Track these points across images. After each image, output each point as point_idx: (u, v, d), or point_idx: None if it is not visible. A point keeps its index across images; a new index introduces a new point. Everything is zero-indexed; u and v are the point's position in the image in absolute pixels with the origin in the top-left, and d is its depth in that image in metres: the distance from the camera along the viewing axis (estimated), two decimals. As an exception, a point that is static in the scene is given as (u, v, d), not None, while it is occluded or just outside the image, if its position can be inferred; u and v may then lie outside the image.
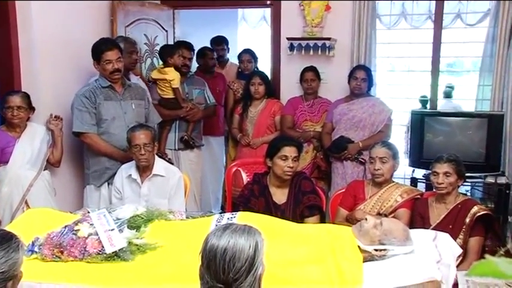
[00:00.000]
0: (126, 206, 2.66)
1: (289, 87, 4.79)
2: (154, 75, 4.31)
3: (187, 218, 2.76)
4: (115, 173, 3.42)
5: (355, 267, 2.22)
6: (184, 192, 3.38)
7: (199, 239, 1.69)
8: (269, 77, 4.73)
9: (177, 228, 2.56)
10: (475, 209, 2.86)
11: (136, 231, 2.43)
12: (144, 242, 2.38)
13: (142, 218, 2.53)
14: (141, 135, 3.23)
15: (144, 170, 3.29)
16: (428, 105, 4.96)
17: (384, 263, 2.30)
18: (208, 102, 4.54)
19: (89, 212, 2.62)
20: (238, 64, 5.23)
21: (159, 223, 2.60)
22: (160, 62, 4.39)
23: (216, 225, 2.21)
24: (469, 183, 4.01)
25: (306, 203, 3.07)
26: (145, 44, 4.66)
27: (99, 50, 3.49)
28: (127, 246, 2.31)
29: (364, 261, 2.30)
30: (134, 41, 4.20)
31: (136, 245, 2.34)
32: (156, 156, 3.37)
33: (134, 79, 4.06)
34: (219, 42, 5.33)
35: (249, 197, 3.08)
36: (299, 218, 3.02)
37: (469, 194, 4.05)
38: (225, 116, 5.03)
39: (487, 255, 0.41)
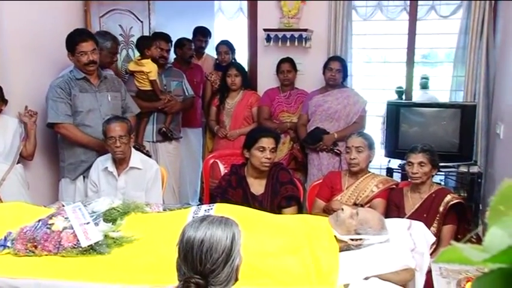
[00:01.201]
0: (102, 199, 2.64)
1: (266, 79, 4.80)
2: (132, 67, 4.26)
3: (164, 210, 2.75)
4: (90, 166, 3.38)
5: (331, 257, 2.24)
6: (161, 184, 3.37)
7: (176, 231, 1.69)
8: (246, 69, 4.72)
9: (154, 220, 2.55)
10: (448, 197, 2.91)
11: (112, 224, 2.41)
12: (121, 235, 2.36)
13: (118, 211, 2.51)
14: (116, 127, 3.19)
15: (121, 162, 3.26)
16: (404, 96, 5.02)
17: (360, 252, 2.34)
18: (187, 94, 4.51)
19: (63, 206, 2.59)
20: (214, 56, 5.21)
21: (136, 216, 2.59)
22: (137, 54, 4.34)
23: (193, 217, 2.21)
24: (443, 173, 4.08)
25: (283, 194, 3.08)
26: (120, 35, 4.59)
27: (73, 41, 3.43)
28: (103, 239, 2.30)
29: (340, 251, 2.33)
30: (119, 42, 4.17)
31: (113, 238, 2.33)
32: (132, 149, 3.34)
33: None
34: (204, 34, 5.29)
35: (227, 188, 3.09)
36: (277, 209, 3.03)
37: (442, 183, 4.13)
38: (203, 107, 5.01)
39: (453, 242, 0.42)
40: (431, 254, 2.46)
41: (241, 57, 5.27)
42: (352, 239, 2.39)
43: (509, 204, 0.45)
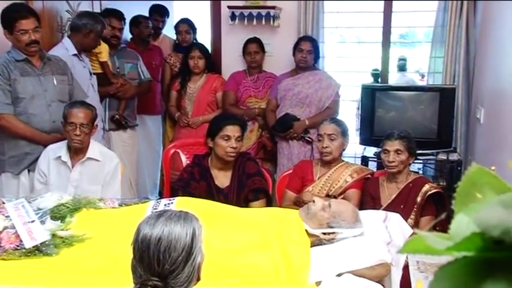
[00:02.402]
0: (49, 194, 2.59)
1: (231, 61, 4.78)
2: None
3: (119, 205, 2.73)
4: (37, 159, 3.31)
5: (302, 252, 2.27)
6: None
7: (132, 229, 1.67)
8: (209, 50, 4.70)
9: (108, 217, 2.53)
10: (426, 187, 2.97)
11: (61, 222, 2.38)
12: (70, 234, 2.33)
13: (67, 207, 2.48)
14: (79, 113, 3.13)
15: (77, 152, 3.20)
16: (380, 79, 5.09)
17: (333, 247, 2.37)
18: (142, 77, 4.46)
19: (3, 203, 2.53)
20: (172, 37, 5.16)
21: (88, 212, 2.56)
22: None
23: (152, 213, 2.20)
24: (421, 161, 4.16)
25: (250, 186, 3.09)
26: (67, 11, 4.49)
27: (11, 18, 3.30)
28: (50, 239, 2.26)
29: (311, 246, 2.36)
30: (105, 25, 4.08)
31: (61, 237, 2.30)
32: (91, 139, 3.28)
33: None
34: (161, 13, 5.22)
35: (189, 180, 3.08)
36: (243, 202, 3.04)
37: (420, 172, 4.20)
38: (162, 92, 4.97)
39: (417, 230, 0.43)
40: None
41: (204, 37, 5.23)
42: (324, 233, 2.42)
43: (477, 189, 0.46)
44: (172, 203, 2.50)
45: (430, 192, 2.96)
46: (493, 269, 0.40)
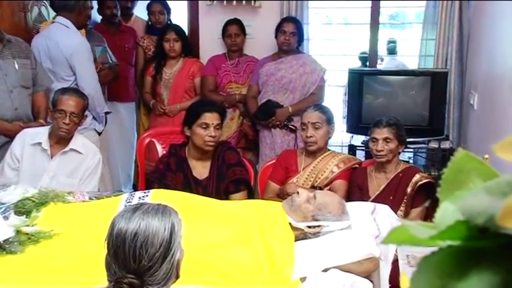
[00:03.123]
0: (12, 187, 2.58)
1: (210, 44, 4.77)
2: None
3: (90, 199, 2.72)
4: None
5: (285, 247, 2.30)
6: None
7: (105, 224, 1.68)
8: (186, 32, 4.68)
9: (78, 211, 2.53)
10: (416, 177, 3.01)
11: (26, 217, 2.37)
12: (37, 230, 2.32)
13: (33, 201, 2.47)
14: (70, 101, 3.11)
15: (59, 141, 3.18)
16: (368, 63, 5.11)
17: (318, 241, 2.39)
18: (110, 61, 4.42)
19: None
20: (144, 19, 5.12)
21: (55, 207, 2.56)
22: (52, 13, 4.21)
23: (126, 206, 2.21)
24: (411, 150, 4.21)
25: (231, 177, 3.11)
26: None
27: None
28: (14, 235, 2.25)
29: (296, 240, 2.38)
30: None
31: (27, 233, 2.29)
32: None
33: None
34: None
35: (165, 171, 3.08)
36: (223, 195, 3.06)
37: (411, 161, 4.26)
38: (136, 78, 4.94)
39: (403, 220, 0.44)
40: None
41: (180, 19, 5.21)
42: (309, 226, 2.45)
43: (463, 176, 0.48)
44: (147, 195, 2.50)
45: (420, 183, 3.00)
46: (478, 259, 0.42)
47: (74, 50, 3.77)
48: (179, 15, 5.24)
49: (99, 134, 4.02)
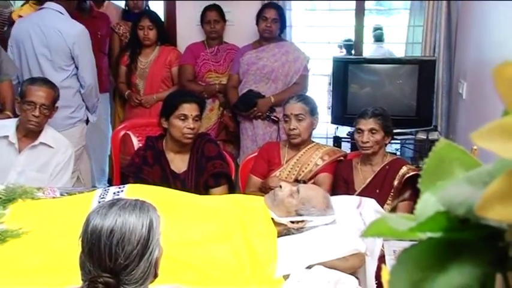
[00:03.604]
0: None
1: (188, 31, 4.76)
2: (16, 14, 4.10)
3: (61, 195, 2.71)
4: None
5: (268, 243, 2.31)
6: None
7: (78, 221, 1.68)
8: (162, 19, 4.65)
9: (48, 208, 2.51)
10: (403, 169, 3.04)
11: (-9, 215, 2.35)
12: (3, 229, 2.31)
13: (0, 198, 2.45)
14: (40, 91, 3.08)
15: (28, 134, 3.15)
16: (353, 51, 5.14)
17: (302, 237, 2.41)
18: None
19: None
20: (119, 5, 5.08)
21: (24, 203, 2.54)
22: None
23: (99, 202, 2.20)
24: (398, 141, 4.24)
25: (210, 171, 3.11)
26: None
27: None
28: (-21, 235, 2.23)
29: (278, 236, 2.40)
30: None
31: (-7, 232, 2.28)
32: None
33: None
34: None
35: (141, 165, 3.08)
36: (203, 189, 3.06)
37: (398, 153, 4.29)
38: (110, 67, 4.91)
39: (383, 212, 0.45)
40: (384, 236, 2.58)
41: (156, 4, 5.18)
42: (292, 222, 2.46)
43: (445, 167, 0.49)
44: (122, 191, 2.49)
45: (408, 175, 3.02)
46: (459, 251, 0.43)
47: (77, 39, 3.81)
48: (156, 1, 5.21)
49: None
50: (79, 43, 3.82)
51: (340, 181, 3.16)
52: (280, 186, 2.57)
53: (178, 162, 3.15)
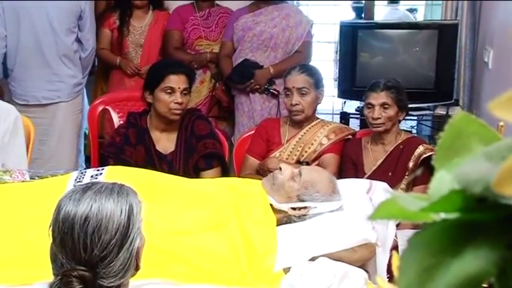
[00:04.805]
0: None
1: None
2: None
3: (32, 178, 2.71)
4: None
5: (266, 233, 2.32)
6: (27, 141, 3.27)
7: (49, 208, 1.68)
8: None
9: (16, 193, 2.51)
10: (420, 149, 3.05)
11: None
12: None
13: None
14: None
15: None
16: (363, 15, 5.12)
17: (304, 225, 2.42)
18: None
19: None
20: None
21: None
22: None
23: (75, 186, 2.20)
24: (415, 117, 4.25)
25: (201, 152, 3.12)
26: None
27: None
28: None
29: (278, 224, 2.40)
30: None
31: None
32: None
33: None
34: None
35: (123, 145, 3.08)
36: (192, 172, 3.07)
37: (414, 131, 4.30)
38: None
39: (397, 193, 0.46)
40: (397, 225, 2.59)
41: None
42: (293, 208, 2.47)
43: (463, 142, 0.49)
44: (101, 174, 2.50)
45: (425, 156, 3.03)
46: (475, 233, 0.44)
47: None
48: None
49: None
50: (87, 4, 4.10)
51: (348, 162, 3.17)
52: (280, 169, 2.57)
53: (165, 142, 3.16)
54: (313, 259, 2.26)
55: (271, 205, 2.47)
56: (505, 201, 0.41)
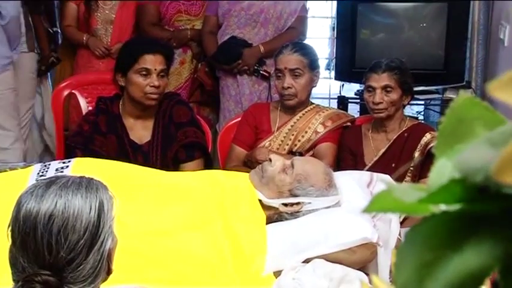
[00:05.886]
0: None
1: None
2: None
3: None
4: None
5: (254, 232, 2.33)
6: None
7: (8, 205, 1.68)
8: None
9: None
10: (427, 137, 3.05)
11: None
12: None
13: None
14: None
15: None
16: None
17: (297, 223, 2.43)
18: None
19: None
20: None
21: None
22: None
23: (37, 181, 2.20)
24: (422, 101, 4.26)
25: (181, 141, 3.12)
26: None
27: None
28: None
29: (268, 222, 2.42)
30: None
31: None
32: None
33: None
34: None
35: (92, 134, 3.08)
36: (171, 164, 3.08)
37: (421, 117, 4.32)
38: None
39: (394, 184, 0.47)
40: (402, 222, 2.60)
41: None
42: (285, 204, 2.48)
43: (466, 127, 0.50)
44: (67, 166, 2.50)
45: (432, 145, 3.04)
46: (477, 226, 0.45)
47: None
48: None
49: None
50: None
51: (346, 153, 3.18)
52: (270, 160, 2.58)
53: (140, 130, 3.15)
54: (307, 261, 2.28)
55: (260, 201, 2.48)
56: (508, 190, 0.42)
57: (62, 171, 2.43)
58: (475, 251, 0.44)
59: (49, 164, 2.58)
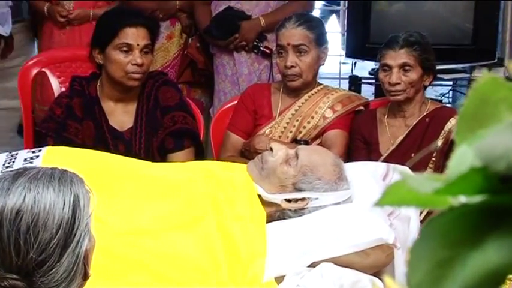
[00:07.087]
0: None
1: None
2: None
3: None
4: None
5: (253, 232, 2.34)
6: None
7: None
8: None
9: None
10: (451, 123, 3.05)
11: None
12: None
13: None
14: None
15: None
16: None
17: (302, 222, 2.45)
18: None
19: None
20: None
21: None
22: None
23: (2, 173, 2.22)
24: (447, 82, 4.26)
25: (168, 128, 3.12)
26: None
27: None
28: None
29: (269, 221, 2.43)
30: None
31: None
32: None
33: None
34: None
35: (65, 119, 3.08)
36: (157, 154, 3.09)
37: (446, 100, 4.32)
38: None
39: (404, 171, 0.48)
40: (422, 221, 2.61)
41: None
42: (288, 200, 2.49)
43: (489, 110, 0.51)
44: (37, 156, 2.50)
45: (458, 132, 3.05)
46: (498, 220, 0.46)
47: None
48: None
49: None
50: None
51: (359, 141, 3.19)
52: (271, 149, 2.59)
53: (120, 115, 3.16)
54: (313, 265, 2.29)
55: (259, 196, 2.49)
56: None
57: (31, 162, 2.44)
58: (496, 247, 0.44)
59: (16, 154, 2.58)
